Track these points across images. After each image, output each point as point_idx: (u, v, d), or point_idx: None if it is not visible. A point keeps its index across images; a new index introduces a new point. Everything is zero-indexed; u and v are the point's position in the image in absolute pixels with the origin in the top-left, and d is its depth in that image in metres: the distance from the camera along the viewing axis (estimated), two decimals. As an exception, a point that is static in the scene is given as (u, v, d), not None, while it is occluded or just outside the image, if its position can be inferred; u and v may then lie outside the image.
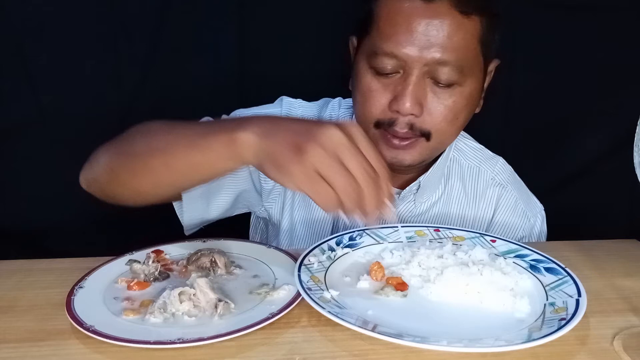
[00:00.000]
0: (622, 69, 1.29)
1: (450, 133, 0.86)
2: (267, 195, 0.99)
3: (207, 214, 0.93)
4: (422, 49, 0.78)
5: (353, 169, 0.60)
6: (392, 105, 0.81)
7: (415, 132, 0.83)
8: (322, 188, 0.60)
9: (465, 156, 1.00)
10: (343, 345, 0.59)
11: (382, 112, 0.83)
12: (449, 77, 0.80)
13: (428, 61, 0.78)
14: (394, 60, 0.80)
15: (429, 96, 0.81)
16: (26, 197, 1.24)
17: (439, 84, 0.80)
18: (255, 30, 1.23)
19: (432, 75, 0.80)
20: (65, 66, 1.17)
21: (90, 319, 0.61)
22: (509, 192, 0.99)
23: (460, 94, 0.82)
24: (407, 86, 0.79)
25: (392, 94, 0.81)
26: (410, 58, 0.78)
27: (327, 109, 1.01)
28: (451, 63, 0.79)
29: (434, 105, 0.81)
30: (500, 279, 0.69)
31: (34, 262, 0.78)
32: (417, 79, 0.79)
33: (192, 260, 0.75)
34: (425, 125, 0.82)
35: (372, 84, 0.83)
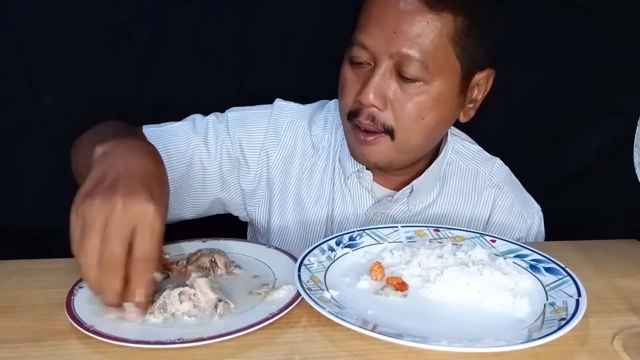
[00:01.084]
0: (622, 69, 1.29)
1: (416, 133, 0.85)
2: (250, 197, 1.00)
3: (181, 215, 0.95)
4: (388, 41, 0.79)
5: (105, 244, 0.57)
6: (357, 95, 0.83)
7: (377, 125, 0.83)
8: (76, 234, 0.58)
9: (463, 158, 1.00)
10: (343, 345, 0.59)
11: (353, 103, 0.84)
12: (415, 73, 0.80)
13: (393, 53, 0.79)
14: (365, 51, 0.81)
15: (393, 90, 0.81)
16: (26, 197, 1.24)
17: (405, 79, 0.81)
18: (255, 31, 1.23)
19: (398, 69, 0.80)
20: (65, 66, 1.17)
21: (90, 319, 0.61)
22: (505, 193, 0.99)
23: (427, 93, 0.82)
24: (372, 77, 0.81)
25: (362, 85, 0.83)
26: (377, 49, 0.80)
27: (323, 111, 1.01)
28: (416, 58, 0.79)
29: (398, 101, 0.82)
30: (500, 279, 0.69)
31: (34, 262, 0.78)
32: (384, 71, 0.81)
33: (192, 260, 0.75)
34: (388, 120, 0.83)
35: (347, 74, 0.85)
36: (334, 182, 0.97)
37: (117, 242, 0.57)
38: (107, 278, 0.58)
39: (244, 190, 0.98)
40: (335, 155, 0.98)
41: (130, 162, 0.63)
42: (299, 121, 0.99)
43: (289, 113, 0.99)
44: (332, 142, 0.98)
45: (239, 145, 0.96)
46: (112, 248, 0.57)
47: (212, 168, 0.95)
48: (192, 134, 0.94)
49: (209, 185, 0.96)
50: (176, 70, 1.22)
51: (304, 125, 0.99)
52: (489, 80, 0.89)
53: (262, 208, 1.00)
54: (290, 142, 0.98)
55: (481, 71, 0.86)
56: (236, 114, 0.98)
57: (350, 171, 0.95)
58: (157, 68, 1.21)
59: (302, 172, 0.98)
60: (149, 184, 0.61)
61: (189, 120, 0.97)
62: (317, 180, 0.98)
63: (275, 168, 0.97)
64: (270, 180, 0.98)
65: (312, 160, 0.98)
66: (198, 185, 0.95)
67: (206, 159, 0.94)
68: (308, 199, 0.98)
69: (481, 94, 0.89)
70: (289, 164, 0.98)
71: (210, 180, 0.95)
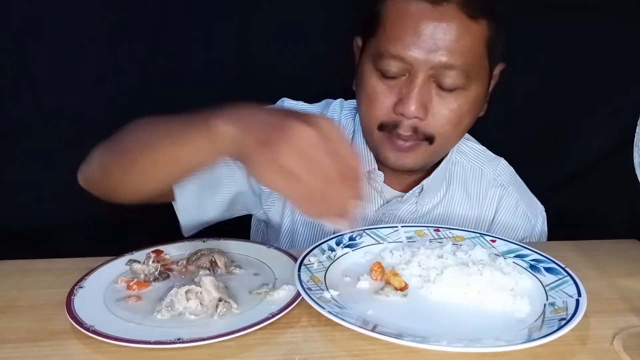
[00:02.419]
0: (622, 69, 1.29)
1: (453, 137, 0.86)
2: (267, 198, 0.99)
3: (203, 215, 0.93)
4: (428, 52, 0.77)
5: (325, 168, 0.57)
6: (396, 107, 0.81)
7: (418, 135, 0.83)
8: (295, 187, 0.58)
9: (468, 158, 1.00)
10: (343, 345, 0.59)
11: (387, 114, 0.83)
12: (455, 81, 0.79)
13: (434, 64, 0.78)
14: (400, 62, 0.79)
15: (434, 99, 0.81)
16: (26, 197, 1.24)
17: (444, 87, 0.80)
18: (255, 31, 1.23)
19: (437, 78, 0.79)
20: (65, 66, 1.17)
21: (90, 319, 0.61)
22: (510, 193, 0.99)
23: (466, 98, 0.82)
24: (412, 89, 0.79)
25: (397, 96, 0.81)
26: (417, 61, 0.78)
27: (329, 111, 1.01)
28: (457, 67, 0.78)
29: (438, 109, 0.81)
30: (500, 279, 0.69)
31: (34, 262, 0.78)
32: (423, 82, 0.79)
33: (192, 260, 0.75)
34: (429, 129, 0.82)
35: (377, 86, 0.82)
36: None
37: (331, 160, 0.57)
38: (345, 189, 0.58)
39: (262, 190, 0.98)
40: None
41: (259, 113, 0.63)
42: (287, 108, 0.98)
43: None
44: None
45: None
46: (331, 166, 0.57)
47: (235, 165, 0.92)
48: None
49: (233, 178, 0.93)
50: (176, 70, 1.22)
51: None
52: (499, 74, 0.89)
53: (278, 207, 1.00)
54: None
55: (496, 65, 0.87)
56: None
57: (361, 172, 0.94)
58: (157, 68, 1.21)
59: None
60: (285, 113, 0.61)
61: None
62: None
63: None
64: None
65: None
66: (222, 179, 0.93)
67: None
68: None
69: (492, 86, 0.90)
70: None
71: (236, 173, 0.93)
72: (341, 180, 0.58)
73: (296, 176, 0.57)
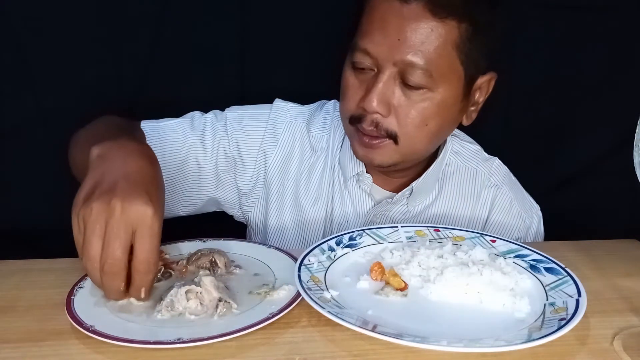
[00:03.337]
0: (622, 69, 1.29)
1: (419, 138, 0.85)
2: (246, 197, 0.99)
3: (175, 212, 0.96)
4: (392, 49, 0.78)
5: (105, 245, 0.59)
6: (359, 102, 0.82)
7: (380, 131, 0.83)
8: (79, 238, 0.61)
9: (462, 158, 1.00)
10: (343, 345, 0.59)
11: (355, 108, 0.84)
12: (419, 81, 0.79)
13: (397, 61, 0.79)
14: (368, 57, 0.81)
15: (397, 97, 0.81)
16: (26, 197, 1.24)
17: (408, 86, 0.80)
18: (256, 31, 1.23)
19: (402, 76, 0.80)
20: (65, 66, 1.17)
21: (90, 319, 0.61)
22: (504, 193, 0.99)
23: (431, 100, 0.81)
24: (376, 84, 0.80)
25: (365, 91, 0.82)
26: (380, 56, 0.79)
27: (322, 112, 1.01)
28: (421, 66, 0.78)
29: (402, 107, 0.81)
30: (500, 279, 0.69)
31: (34, 262, 0.78)
32: (388, 78, 0.80)
33: (192, 260, 0.75)
34: (391, 126, 0.82)
35: (350, 79, 0.85)
36: (334, 183, 0.97)
37: (117, 246, 0.59)
38: (110, 279, 0.61)
39: (240, 190, 0.99)
40: (334, 156, 0.98)
41: (126, 165, 0.64)
42: (297, 122, 0.99)
43: (288, 114, 0.99)
44: (330, 143, 0.98)
45: (236, 145, 0.96)
46: (113, 252, 0.59)
47: (208, 166, 0.95)
48: (189, 131, 0.94)
49: (204, 184, 0.96)
50: (176, 70, 1.22)
51: (302, 126, 0.99)
52: (490, 83, 0.88)
53: (258, 208, 1.00)
54: (288, 142, 0.98)
55: (483, 75, 0.86)
56: (235, 113, 0.98)
57: (350, 174, 0.95)
58: (157, 68, 1.21)
59: (300, 173, 0.98)
60: (146, 186, 0.63)
61: (188, 117, 0.97)
62: (316, 181, 0.98)
63: (273, 168, 0.97)
64: (268, 180, 0.98)
65: (310, 161, 0.98)
66: (193, 183, 0.95)
67: (202, 157, 0.94)
68: (306, 200, 0.98)
69: (482, 97, 0.89)
70: (286, 164, 0.98)
71: (205, 179, 0.95)
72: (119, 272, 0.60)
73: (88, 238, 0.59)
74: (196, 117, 0.97)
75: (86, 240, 0.59)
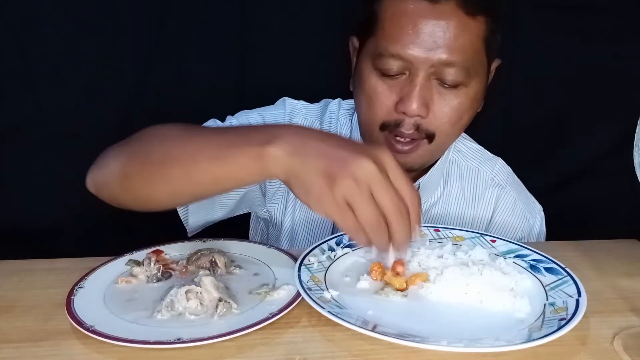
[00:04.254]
0: (622, 69, 1.29)
1: (452, 134, 0.86)
2: (271, 197, 1.00)
3: (210, 216, 0.93)
4: (428, 50, 0.77)
5: (383, 203, 0.59)
6: (398, 106, 0.81)
7: (420, 133, 0.83)
8: (350, 219, 0.59)
9: (465, 157, 1.00)
10: (343, 345, 0.59)
11: (388, 113, 0.82)
12: (455, 78, 0.79)
13: (434, 62, 0.78)
14: (400, 61, 0.79)
15: (435, 97, 0.81)
16: (26, 197, 1.24)
17: (445, 84, 0.80)
18: (256, 30, 1.23)
19: (438, 76, 0.80)
20: (65, 66, 1.17)
21: (90, 319, 0.61)
22: (508, 193, 0.99)
23: (466, 95, 0.82)
24: (414, 87, 0.79)
25: (398, 95, 0.81)
26: (417, 59, 0.78)
27: (328, 110, 1.01)
28: (457, 64, 0.78)
29: (439, 106, 0.81)
30: (500, 279, 0.69)
31: (34, 262, 0.78)
32: (424, 80, 0.79)
33: (192, 260, 0.75)
34: (431, 126, 0.82)
35: (377, 85, 0.82)
36: None
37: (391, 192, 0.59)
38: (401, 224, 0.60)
39: (267, 189, 0.99)
40: None
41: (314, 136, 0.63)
42: (312, 119, 0.99)
43: (301, 112, 0.99)
44: None
45: None
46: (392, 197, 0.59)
47: None
48: None
49: None
50: (176, 70, 1.22)
51: (317, 124, 0.99)
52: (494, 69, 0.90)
53: (281, 206, 1.00)
54: None
55: (493, 61, 0.88)
56: (255, 115, 0.97)
57: None
58: (157, 68, 1.21)
59: None
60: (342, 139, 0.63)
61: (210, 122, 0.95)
62: None
63: None
64: None
65: None
66: None
67: None
68: None
69: (489, 83, 0.90)
70: None
71: None
72: (396, 216, 0.59)
73: (353, 209, 0.58)
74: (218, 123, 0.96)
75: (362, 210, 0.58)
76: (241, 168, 0.64)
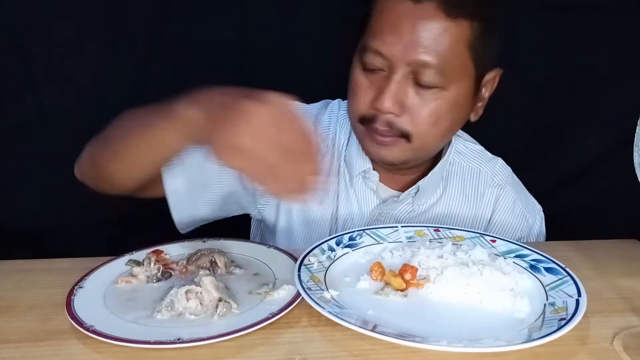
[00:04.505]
0: (621, 69, 1.29)
1: (432, 136, 0.85)
2: (260, 197, 1.00)
3: (195, 211, 0.93)
4: (405, 49, 0.78)
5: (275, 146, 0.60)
6: (372, 102, 0.82)
7: (394, 131, 0.83)
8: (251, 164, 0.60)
9: (466, 158, 1.00)
10: (343, 345, 0.59)
11: (367, 108, 0.84)
12: (432, 80, 0.80)
13: (411, 61, 0.79)
14: (380, 57, 0.80)
15: (410, 97, 0.81)
16: (26, 197, 1.24)
17: (421, 85, 0.80)
18: (256, 30, 1.23)
19: (415, 76, 0.80)
20: (65, 66, 1.17)
21: (90, 319, 0.61)
22: (507, 193, 0.99)
23: (444, 99, 0.81)
24: (388, 84, 0.80)
25: (376, 91, 0.82)
26: (394, 57, 0.79)
27: (327, 111, 1.01)
28: (434, 66, 0.78)
29: (415, 107, 0.81)
30: (500, 279, 0.69)
31: (34, 262, 0.78)
32: (400, 78, 0.80)
33: (192, 260, 0.75)
34: (405, 125, 0.82)
35: (360, 79, 0.84)
36: (339, 182, 0.98)
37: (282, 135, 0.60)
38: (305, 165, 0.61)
39: (256, 189, 0.99)
40: (340, 154, 0.98)
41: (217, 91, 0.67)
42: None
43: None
44: (336, 142, 0.99)
45: None
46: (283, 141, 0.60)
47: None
48: None
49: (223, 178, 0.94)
50: (176, 70, 1.22)
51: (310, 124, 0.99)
52: (495, 79, 0.89)
53: (272, 206, 1.00)
54: None
55: (490, 71, 0.87)
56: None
57: (357, 172, 0.95)
58: (157, 68, 1.21)
59: None
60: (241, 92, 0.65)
61: None
62: None
63: None
64: None
65: None
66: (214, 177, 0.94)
67: None
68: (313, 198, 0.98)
69: (488, 92, 0.90)
70: None
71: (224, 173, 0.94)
72: (298, 155, 0.61)
73: (254, 155, 0.59)
74: None
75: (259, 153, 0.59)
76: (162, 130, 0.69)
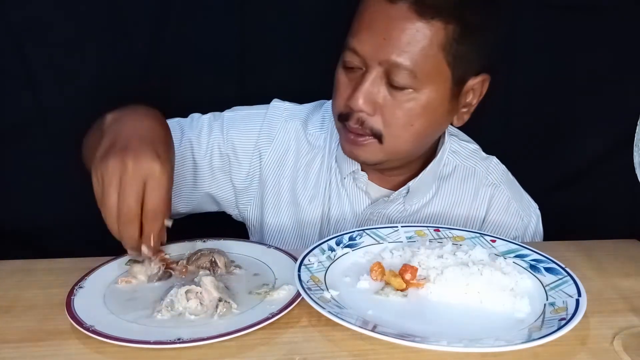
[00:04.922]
0: (621, 70, 1.29)
1: (404, 139, 0.85)
2: (241, 196, 1.00)
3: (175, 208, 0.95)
4: (378, 48, 0.79)
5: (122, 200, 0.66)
6: (346, 100, 0.83)
7: (365, 130, 0.83)
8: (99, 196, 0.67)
9: (460, 157, 0.99)
10: (343, 345, 0.59)
11: (344, 105, 0.85)
12: (404, 81, 0.80)
13: (382, 61, 0.79)
14: (357, 56, 0.81)
15: (383, 97, 0.81)
16: (26, 197, 1.24)
17: (394, 86, 0.80)
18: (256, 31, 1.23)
19: (388, 76, 0.80)
20: (65, 66, 1.17)
21: (90, 319, 0.61)
22: (502, 192, 0.99)
23: (416, 101, 0.81)
24: (362, 83, 0.81)
25: (352, 89, 0.83)
26: (367, 56, 0.80)
27: (321, 110, 1.02)
28: (406, 67, 0.78)
29: (387, 107, 0.82)
30: (500, 279, 0.69)
31: (34, 262, 0.78)
32: (374, 77, 0.80)
33: (192, 260, 0.75)
34: (376, 125, 0.83)
35: (340, 77, 0.86)
36: (331, 181, 0.98)
37: (131, 197, 0.66)
38: (126, 226, 0.67)
39: (236, 188, 0.99)
40: (331, 154, 0.98)
41: (138, 126, 0.72)
42: (292, 121, 0.99)
43: (284, 113, 1.00)
44: (328, 142, 0.99)
45: (231, 144, 0.97)
46: (127, 202, 0.66)
47: (203, 162, 0.96)
48: (187, 129, 0.96)
49: (199, 179, 0.97)
50: (176, 71, 1.22)
51: (298, 125, 0.99)
52: (484, 85, 0.88)
53: (254, 206, 1.01)
54: (283, 141, 0.98)
55: (475, 76, 0.85)
56: (232, 114, 1.00)
57: (347, 172, 0.95)
58: (157, 68, 1.21)
59: (297, 171, 0.99)
60: (155, 145, 0.69)
61: (188, 118, 1.00)
62: (313, 179, 0.98)
63: (268, 167, 0.98)
64: (263, 179, 0.98)
65: (307, 158, 0.99)
66: (190, 179, 0.96)
67: (197, 153, 0.96)
68: (303, 198, 0.98)
69: (476, 99, 0.88)
70: (282, 163, 0.98)
71: (200, 174, 0.97)
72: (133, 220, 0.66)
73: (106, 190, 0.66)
74: (195, 117, 1.00)
75: (104, 193, 0.66)
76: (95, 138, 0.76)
